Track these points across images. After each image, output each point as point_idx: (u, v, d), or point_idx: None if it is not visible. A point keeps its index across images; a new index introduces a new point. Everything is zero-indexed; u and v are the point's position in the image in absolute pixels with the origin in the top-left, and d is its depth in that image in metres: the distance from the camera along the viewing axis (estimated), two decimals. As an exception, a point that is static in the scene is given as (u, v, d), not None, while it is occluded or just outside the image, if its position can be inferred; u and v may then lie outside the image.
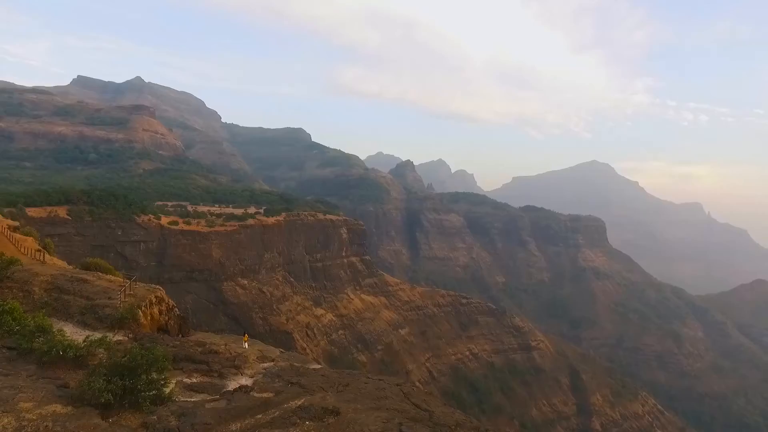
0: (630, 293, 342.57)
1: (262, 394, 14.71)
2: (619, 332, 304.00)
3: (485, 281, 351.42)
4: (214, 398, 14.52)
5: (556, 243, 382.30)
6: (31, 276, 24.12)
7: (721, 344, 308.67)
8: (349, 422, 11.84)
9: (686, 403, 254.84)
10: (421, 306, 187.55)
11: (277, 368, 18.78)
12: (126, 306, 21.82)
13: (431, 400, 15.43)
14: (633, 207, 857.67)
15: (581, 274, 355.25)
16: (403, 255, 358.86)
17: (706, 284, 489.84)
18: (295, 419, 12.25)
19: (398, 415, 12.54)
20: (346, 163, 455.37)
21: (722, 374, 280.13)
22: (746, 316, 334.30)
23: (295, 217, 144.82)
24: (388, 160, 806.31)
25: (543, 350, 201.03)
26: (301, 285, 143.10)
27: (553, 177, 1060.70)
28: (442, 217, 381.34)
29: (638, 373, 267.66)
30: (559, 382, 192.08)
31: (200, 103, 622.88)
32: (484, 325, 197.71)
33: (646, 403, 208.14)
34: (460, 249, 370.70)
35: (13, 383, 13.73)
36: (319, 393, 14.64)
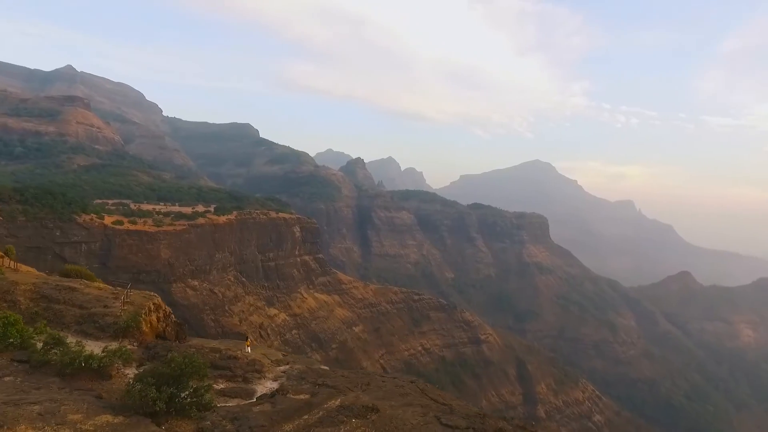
0: (570, 286, 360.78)
1: (299, 396, 14.80)
2: (560, 323, 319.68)
3: (435, 277, 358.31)
4: (254, 402, 14.49)
5: (502, 239, 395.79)
6: (10, 285, 22.63)
7: (651, 332, 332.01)
8: (390, 418, 12.26)
9: (620, 387, 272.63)
10: (375, 303, 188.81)
11: (296, 371, 18.83)
12: (129, 314, 21.00)
13: (444, 395, 16.11)
14: (572, 204, 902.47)
15: (526, 269, 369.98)
16: (354, 253, 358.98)
17: (637, 277, 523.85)
18: (342, 417, 12.52)
19: (427, 410, 13.10)
20: (296, 160, 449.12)
21: (652, 360, 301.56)
22: (673, 305, 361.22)
23: (246, 215, 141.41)
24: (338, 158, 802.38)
25: (491, 343, 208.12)
26: (253, 285, 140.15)
27: (499, 175, 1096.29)
28: (393, 215, 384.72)
29: (578, 362, 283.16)
30: (507, 374, 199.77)
31: (139, 95, 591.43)
32: (436, 320, 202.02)
33: (586, 389, 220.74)
34: (410, 246, 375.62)
35: (50, 396, 13.18)
36: (350, 393, 14.92)
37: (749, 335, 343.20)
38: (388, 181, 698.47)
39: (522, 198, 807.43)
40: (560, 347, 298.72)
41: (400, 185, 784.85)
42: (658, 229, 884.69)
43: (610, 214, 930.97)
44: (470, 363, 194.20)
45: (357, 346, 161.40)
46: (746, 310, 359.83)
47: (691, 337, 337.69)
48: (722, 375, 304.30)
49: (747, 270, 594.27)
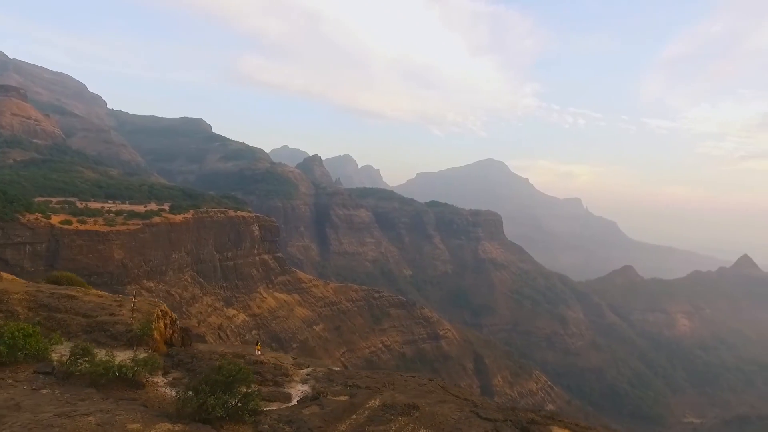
0: (523, 282, 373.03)
1: (339, 398, 14.80)
2: (514, 318, 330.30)
3: (393, 274, 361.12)
4: (296, 405, 14.37)
5: (458, 236, 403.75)
6: (2, 294, 21.21)
7: (598, 324, 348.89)
8: (432, 414, 12.56)
9: (570, 377, 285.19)
10: (335, 302, 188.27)
11: (320, 373, 18.78)
12: (142, 323, 20.17)
13: (462, 391, 16.58)
14: (524, 202, 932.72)
15: (481, 265, 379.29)
16: (312, 251, 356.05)
17: (585, 271, 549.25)
18: (388, 416, 12.67)
19: (462, 405, 13.48)
20: (251, 156, 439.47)
21: (599, 350, 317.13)
22: (618, 298, 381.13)
23: (204, 214, 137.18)
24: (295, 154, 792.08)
25: (450, 338, 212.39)
26: (211, 285, 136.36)
27: (454, 173, 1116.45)
28: (352, 213, 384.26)
29: (531, 354, 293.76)
30: (465, 367, 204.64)
31: (81, 86, 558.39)
32: (396, 317, 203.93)
33: (539, 380, 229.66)
34: (369, 244, 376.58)
35: (99, 407, 12.60)
36: (385, 392, 15.06)
37: (685, 324, 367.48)
38: (345, 178, 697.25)
39: (477, 195, 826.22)
40: (514, 340, 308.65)
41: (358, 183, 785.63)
42: (604, 226, 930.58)
43: (559, 212, 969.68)
44: (429, 358, 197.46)
45: (318, 345, 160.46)
46: (682, 301, 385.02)
47: (633, 327, 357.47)
48: (661, 362, 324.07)
49: (682, 263, 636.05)
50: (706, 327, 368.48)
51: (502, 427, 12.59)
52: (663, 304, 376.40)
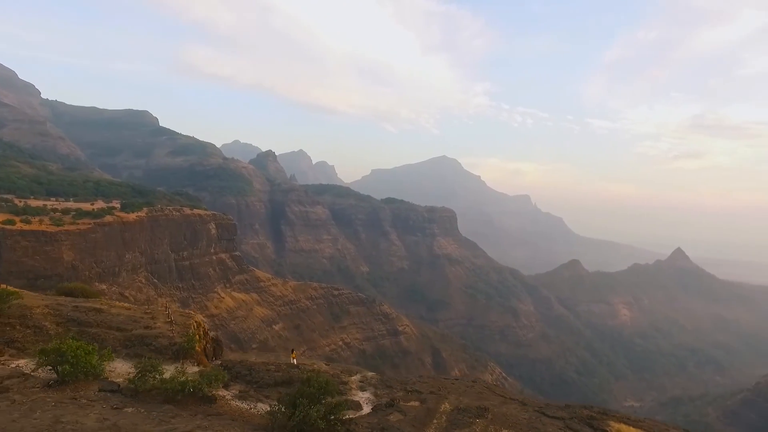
0: (477, 276, 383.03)
1: (411, 403, 14.87)
2: (469, 312, 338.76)
3: (350, 271, 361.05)
4: (372, 413, 14.31)
5: (414, 233, 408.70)
6: (23, 309, 19.75)
7: (547, 316, 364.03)
8: (502, 415, 13.04)
9: (522, 368, 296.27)
10: (294, 300, 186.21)
11: (372, 379, 18.70)
12: (187, 335, 19.27)
13: (506, 391, 17.18)
14: (476, 199, 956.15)
15: (436, 261, 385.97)
16: (267, 248, 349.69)
17: (533, 265, 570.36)
18: (466, 419, 12.99)
19: (523, 406, 14.03)
20: (202, 151, 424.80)
21: (548, 341, 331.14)
22: (565, 290, 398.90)
23: (158, 212, 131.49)
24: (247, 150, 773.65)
25: (409, 334, 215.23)
26: (166, 286, 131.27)
27: (409, 170, 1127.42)
28: (308, 209, 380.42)
29: (485, 347, 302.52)
30: (423, 362, 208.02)
31: (11, 73, 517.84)
32: (356, 314, 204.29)
33: (494, 372, 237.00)
34: (325, 241, 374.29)
35: (195, 423, 12.16)
36: (450, 396, 15.33)
37: (626, 314, 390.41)
38: (299, 174, 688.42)
39: (431, 192, 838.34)
40: (469, 334, 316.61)
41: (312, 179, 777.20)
42: (551, 222, 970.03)
43: (509, 208, 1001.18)
44: (389, 354, 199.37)
45: (278, 345, 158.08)
46: (623, 293, 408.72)
47: (579, 318, 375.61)
48: (605, 350, 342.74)
49: (623, 257, 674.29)
50: (644, 316, 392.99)
51: (572, 424, 13.38)
52: (606, 296, 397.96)
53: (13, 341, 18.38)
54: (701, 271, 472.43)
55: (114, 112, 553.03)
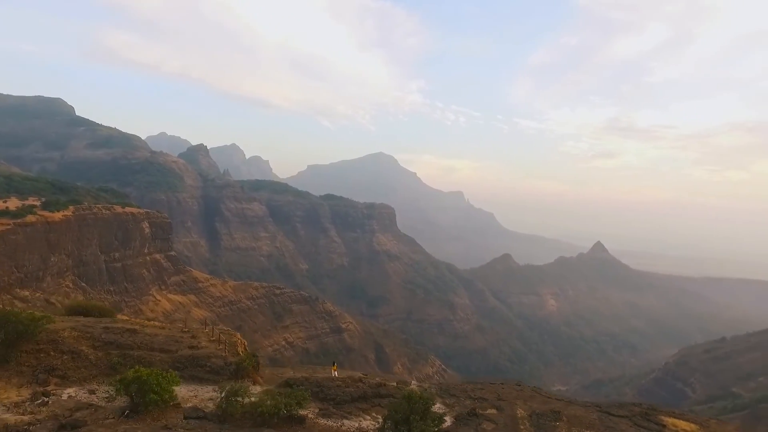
0: (416, 272, 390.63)
1: (489, 411, 14.82)
2: (408, 306, 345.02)
3: (289, 269, 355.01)
4: (466, 421, 14.11)
5: (354, 229, 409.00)
6: (49, 333, 17.73)
7: (482, 308, 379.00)
8: (575, 417, 13.50)
9: (460, 359, 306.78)
10: (235, 300, 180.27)
11: (432, 387, 18.38)
12: (244, 355, 17.91)
13: (548, 393, 17.77)
14: (412, 195, 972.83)
15: (376, 257, 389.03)
16: (201, 247, 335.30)
17: (467, 259, 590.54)
18: (549, 423, 13.30)
19: (587, 407, 14.56)
20: (127, 143, 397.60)
21: (483, 332, 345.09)
22: (498, 283, 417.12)
23: (86, 211, 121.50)
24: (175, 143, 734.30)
25: (352, 331, 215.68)
26: (96, 290, 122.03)
27: (346, 166, 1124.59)
28: (244, 206, 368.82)
29: (424, 340, 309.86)
30: (367, 358, 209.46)
31: None
32: (298, 313, 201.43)
33: (434, 364, 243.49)
34: (263, 238, 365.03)
35: None
36: (518, 401, 15.53)
37: (553, 305, 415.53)
38: (233, 169, 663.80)
39: (368, 188, 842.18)
40: (409, 328, 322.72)
41: (246, 174, 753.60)
42: (482, 217, 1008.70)
43: (443, 204, 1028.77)
44: (333, 352, 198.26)
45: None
46: (551, 284, 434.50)
47: (511, 310, 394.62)
48: (535, 339, 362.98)
49: (549, 250, 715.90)
50: (569, 306, 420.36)
51: (638, 421, 14.29)
52: (536, 288, 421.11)
53: (54, 369, 16.82)
54: (618, 263, 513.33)
55: (21, 98, 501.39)
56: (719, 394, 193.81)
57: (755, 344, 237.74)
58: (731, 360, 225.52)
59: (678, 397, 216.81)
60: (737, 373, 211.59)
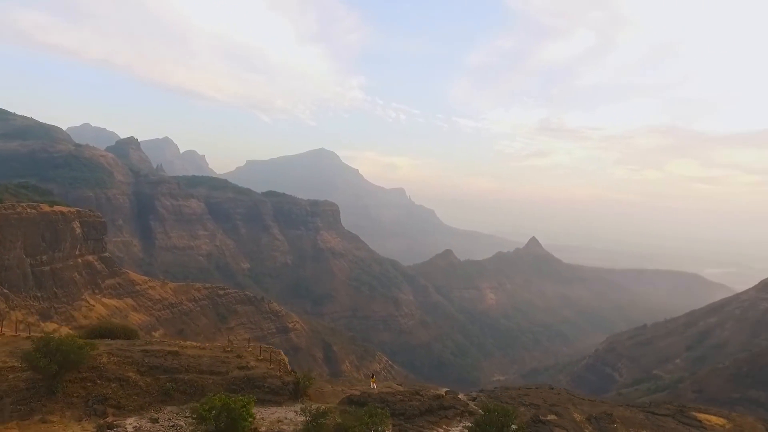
0: (360, 269, 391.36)
1: (551, 417, 14.83)
2: (353, 304, 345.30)
3: (230, 268, 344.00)
4: (535, 427, 13.96)
5: (297, 227, 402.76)
6: (90, 359, 15.45)
7: (425, 303, 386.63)
8: (625, 417, 14.01)
9: (404, 354, 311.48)
10: (176, 303, 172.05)
11: (480, 395, 18.08)
12: (301, 374, 16.72)
13: (580, 393, 18.29)
14: (354, 192, 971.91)
15: (320, 254, 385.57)
16: (134, 247, 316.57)
17: (408, 255, 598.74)
18: (608, 425, 13.59)
19: (631, 408, 15.13)
20: (46, 135, 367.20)
21: (427, 327, 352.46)
22: (440, 279, 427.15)
23: (9, 210, 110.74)
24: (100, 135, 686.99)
25: (299, 330, 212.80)
26: (21, 297, 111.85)
27: (286, 162, 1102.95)
28: (181, 203, 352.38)
29: (370, 337, 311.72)
30: (315, 357, 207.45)
31: None
32: (243, 314, 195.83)
33: (381, 361, 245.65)
34: (202, 237, 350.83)
35: None
36: (568, 405, 15.73)
37: (492, 298, 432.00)
38: (166, 164, 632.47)
39: (310, 185, 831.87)
40: (354, 325, 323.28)
41: (181, 169, 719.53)
42: (424, 214, 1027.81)
43: (386, 201, 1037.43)
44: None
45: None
46: (489, 279, 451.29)
47: (453, 304, 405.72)
48: (475, 332, 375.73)
49: (487, 246, 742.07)
50: (507, 299, 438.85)
51: (680, 418, 15.19)
52: (476, 282, 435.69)
53: (106, 398, 15.29)
54: (551, 257, 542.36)
55: None
56: (643, 376, 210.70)
57: (672, 330, 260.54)
58: (652, 345, 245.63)
59: (607, 382, 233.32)
60: (658, 356, 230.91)
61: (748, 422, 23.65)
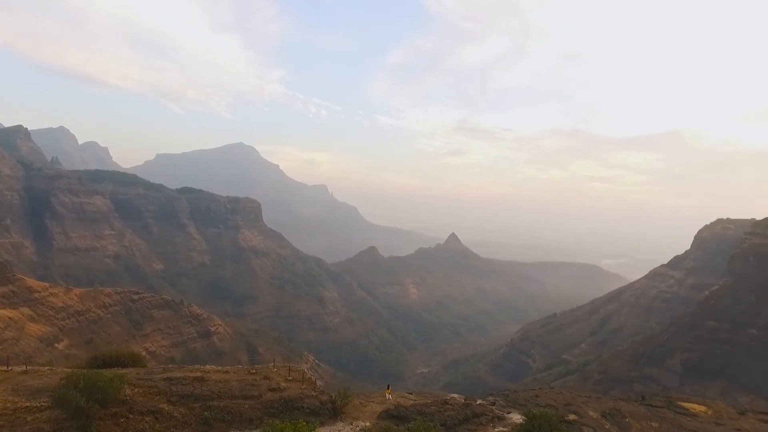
0: (284, 267, 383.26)
1: (571, 417, 14.72)
2: (277, 303, 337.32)
3: (141, 270, 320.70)
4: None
5: (216, 225, 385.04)
6: (113, 391, 13.41)
7: (350, 300, 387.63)
8: (631, 411, 14.39)
9: (330, 352, 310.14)
10: (82, 311, 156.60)
11: (498, 400, 17.46)
12: (338, 392, 14.91)
13: (579, 392, 18.74)
14: (275, 188, 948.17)
15: (241, 253, 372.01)
16: (26, 249, 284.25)
17: (331, 253, 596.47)
18: (622, 420, 13.80)
19: (624, 402, 15.71)
20: None
21: (352, 324, 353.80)
22: (364, 275, 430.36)
23: None
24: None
25: (222, 333, 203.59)
26: None
27: (202, 156, 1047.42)
28: (83, 200, 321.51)
29: (295, 336, 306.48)
30: (239, 360, 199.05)
31: None
32: (161, 319, 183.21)
33: (308, 360, 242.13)
34: (108, 237, 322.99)
35: None
36: (580, 405, 15.73)
37: (415, 293, 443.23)
38: (63, 157, 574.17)
39: (228, 181, 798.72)
40: (278, 325, 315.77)
41: (80, 163, 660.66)
42: (346, 211, 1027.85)
43: (308, 197, 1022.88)
44: (202, 357, 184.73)
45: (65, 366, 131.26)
46: (412, 274, 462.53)
47: (378, 300, 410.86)
48: (399, 327, 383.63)
49: (408, 242, 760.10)
50: (429, 293, 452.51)
51: (671, 407, 16.05)
52: (399, 278, 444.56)
53: None
54: (469, 252, 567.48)
55: None
56: (554, 362, 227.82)
57: (578, 317, 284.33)
58: (561, 332, 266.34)
59: (523, 368, 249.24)
60: (566, 342, 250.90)
61: (722, 407, 26.80)
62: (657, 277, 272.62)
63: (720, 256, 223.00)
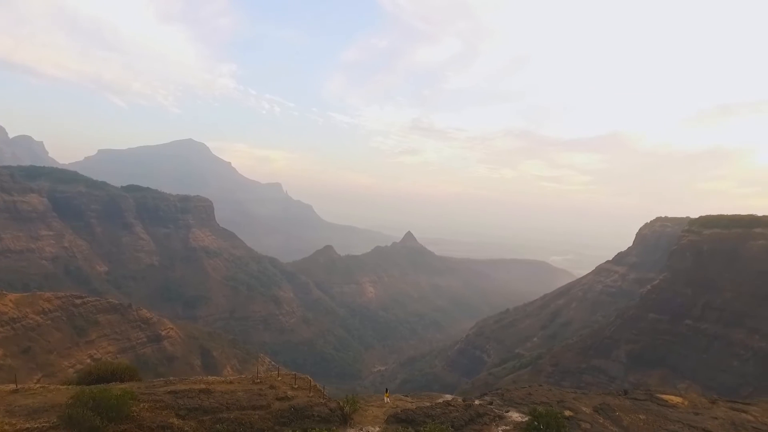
0: (237, 268, 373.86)
1: (567, 413, 14.56)
2: (231, 305, 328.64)
3: (84, 273, 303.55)
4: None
5: (165, 224, 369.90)
6: (120, 409, 13.51)
7: (306, 300, 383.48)
8: (619, 405, 14.68)
9: (287, 353, 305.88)
10: (18, 317, 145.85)
11: (493, 400, 17.06)
12: (347, 399, 14.01)
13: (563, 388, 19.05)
14: (227, 186, 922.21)
15: (192, 254, 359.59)
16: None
17: (286, 252, 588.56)
18: (614, 414, 14.12)
19: (611, 397, 16.11)
20: None
21: (308, 324, 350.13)
22: (321, 275, 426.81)
23: None
24: None
25: (174, 338, 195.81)
26: None
27: (148, 152, 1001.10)
28: (16, 198, 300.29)
29: (251, 338, 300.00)
30: (192, 365, 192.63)
31: None
32: (107, 324, 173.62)
33: (264, 362, 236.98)
34: (45, 238, 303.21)
35: None
36: (573, 402, 15.81)
37: (371, 291, 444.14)
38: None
39: (177, 178, 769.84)
40: (232, 327, 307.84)
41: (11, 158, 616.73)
42: (301, 209, 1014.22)
43: (261, 196, 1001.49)
44: (152, 363, 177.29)
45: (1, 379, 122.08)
46: (369, 272, 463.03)
47: (334, 299, 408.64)
48: (356, 325, 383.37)
49: (364, 240, 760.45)
50: (385, 291, 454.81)
51: (654, 400, 16.57)
52: (355, 276, 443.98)
53: None
54: (425, 250, 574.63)
55: None
56: (508, 356, 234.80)
57: (529, 312, 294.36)
58: (515, 327, 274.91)
59: (478, 363, 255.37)
60: (519, 336, 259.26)
61: (695, 398, 28.52)
62: (602, 273, 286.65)
63: (659, 252, 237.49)
